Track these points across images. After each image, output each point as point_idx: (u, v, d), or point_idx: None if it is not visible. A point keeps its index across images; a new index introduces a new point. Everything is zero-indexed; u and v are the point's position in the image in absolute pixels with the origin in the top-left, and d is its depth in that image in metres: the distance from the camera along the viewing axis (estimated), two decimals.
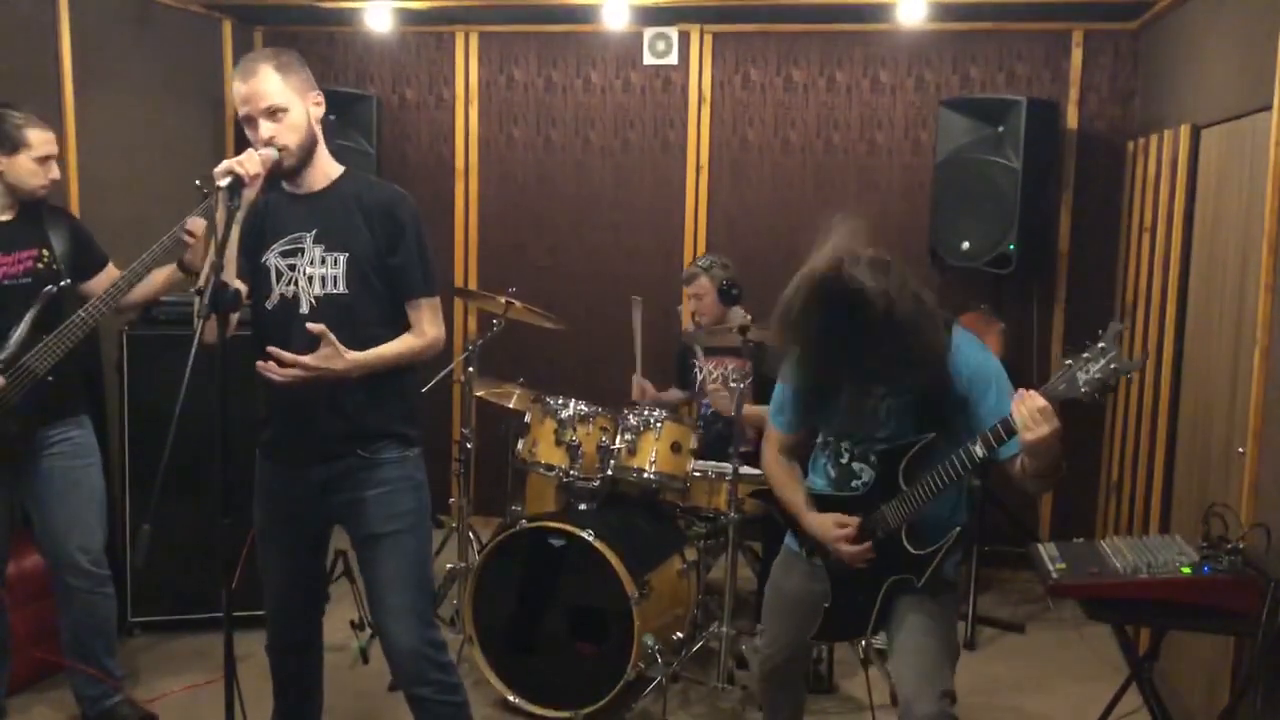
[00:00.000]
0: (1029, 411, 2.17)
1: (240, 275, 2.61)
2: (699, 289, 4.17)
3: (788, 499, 2.68)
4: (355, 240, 2.59)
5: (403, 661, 2.70)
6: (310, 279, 2.60)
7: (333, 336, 2.51)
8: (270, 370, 2.49)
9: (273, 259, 2.62)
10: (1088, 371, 2.15)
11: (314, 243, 2.60)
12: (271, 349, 2.50)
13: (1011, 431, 2.23)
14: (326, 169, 2.66)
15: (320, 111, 2.63)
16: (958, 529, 2.50)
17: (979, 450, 2.32)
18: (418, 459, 2.74)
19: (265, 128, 2.51)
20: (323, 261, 2.59)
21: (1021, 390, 2.23)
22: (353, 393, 2.61)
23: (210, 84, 5.15)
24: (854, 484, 2.58)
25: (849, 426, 2.56)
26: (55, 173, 3.21)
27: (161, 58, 4.76)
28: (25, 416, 3.08)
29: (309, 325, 2.51)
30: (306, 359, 2.50)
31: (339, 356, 2.51)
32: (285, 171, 2.57)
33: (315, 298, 2.59)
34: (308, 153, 2.59)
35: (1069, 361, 2.19)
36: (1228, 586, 2.49)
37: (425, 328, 2.67)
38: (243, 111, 2.55)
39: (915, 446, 2.46)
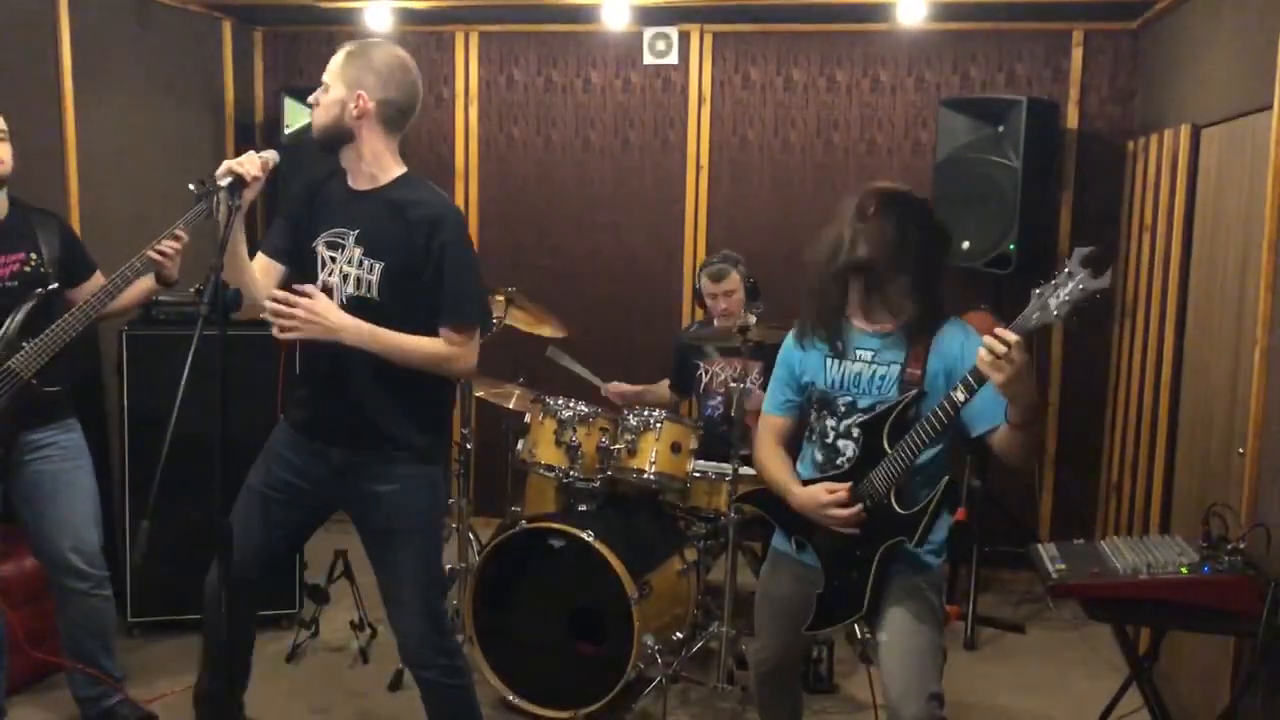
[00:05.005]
0: (985, 355, 2.17)
1: (282, 257, 2.71)
2: (731, 285, 4.05)
3: (775, 478, 2.66)
4: (393, 250, 2.57)
5: (409, 647, 2.76)
6: (345, 277, 2.61)
7: (322, 296, 2.53)
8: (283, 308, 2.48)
9: (321, 246, 2.64)
10: (1058, 296, 2.15)
11: (355, 243, 2.61)
12: (271, 293, 2.53)
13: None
14: (379, 170, 2.66)
15: (358, 111, 2.58)
16: (946, 479, 2.48)
17: (959, 395, 2.30)
18: (435, 465, 2.76)
19: (315, 94, 2.63)
20: (360, 264, 2.59)
21: (994, 330, 2.21)
22: (378, 393, 2.61)
23: (210, 84, 5.16)
24: (839, 461, 2.57)
25: (838, 389, 2.57)
26: (3, 155, 3.08)
27: (161, 58, 4.76)
28: (8, 421, 3.06)
29: (298, 286, 2.52)
30: (306, 300, 2.49)
31: (331, 311, 2.51)
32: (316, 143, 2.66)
33: (347, 296, 2.60)
34: (330, 138, 2.62)
35: (1038, 291, 2.19)
36: (1228, 586, 2.49)
37: (450, 345, 2.62)
38: None
39: (898, 408, 2.47)
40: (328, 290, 2.62)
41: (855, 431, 2.54)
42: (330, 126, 2.61)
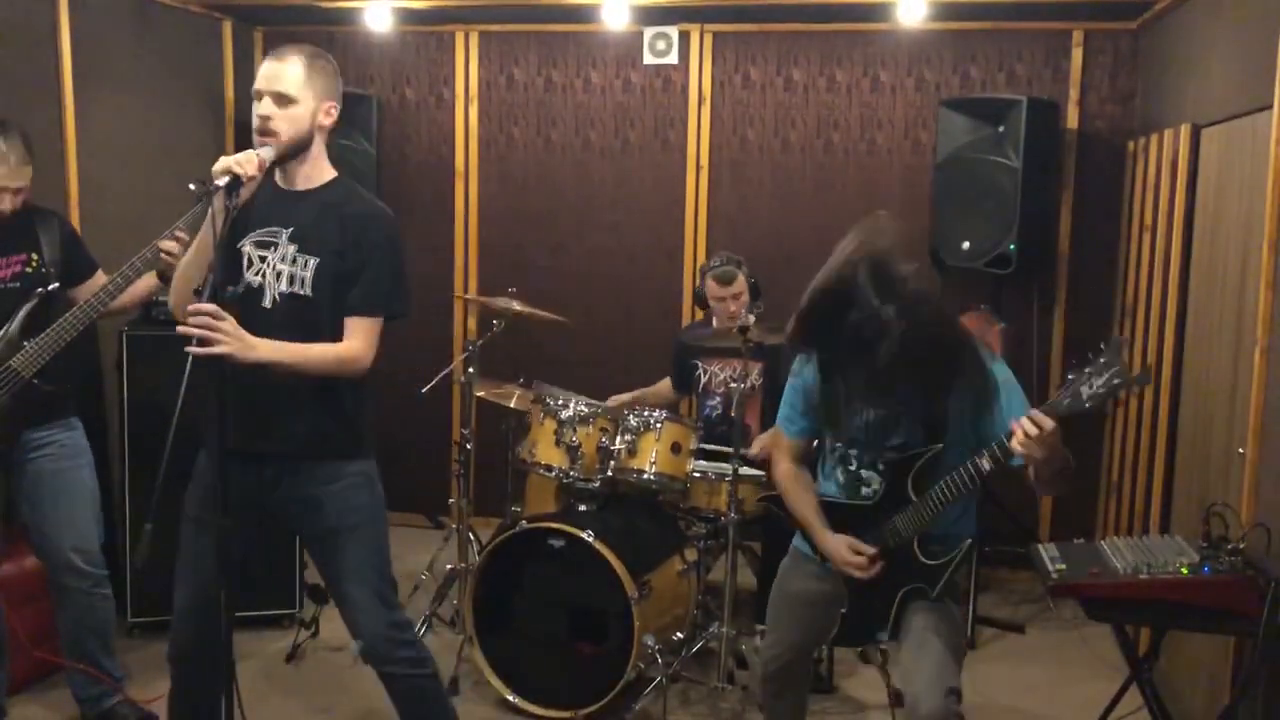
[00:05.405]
0: (1019, 435, 2.21)
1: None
2: (739, 287, 4.06)
3: (801, 515, 2.68)
4: (328, 247, 2.59)
5: (370, 645, 2.75)
6: (279, 275, 2.59)
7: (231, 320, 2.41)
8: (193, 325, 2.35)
9: (247, 246, 2.62)
10: (1091, 386, 2.19)
11: (289, 241, 2.60)
12: (193, 306, 2.37)
13: (1013, 454, 2.27)
14: (316, 172, 2.66)
15: (330, 121, 2.63)
16: (969, 540, 2.52)
17: (985, 464, 2.35)
18: (370, 460, 2.76)
19: (265, 106, 2.54)
20: (294, 261, 2.59)
21: (1029, 414, 2.23)
22: (302, 399, 2.60)
23: (210, 84, 5.16)
24: (864, 492, 2.59)
25: (860, 431, 2.55)
26: (4, 205, 3.10)
27: (161, 58, 4.76)
28: (10, 419, 3.06)
29: (191, 306, 2.38)
30: (225, 324, 2.37)
31: (242, 330, 2.42)
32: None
33: (279, 294, 2.59)
34: (295, 150, 2.59)
35: (1072, 376, 2.23)
36: (1228, 586, 2.49)
37: (351, 341, 2.61)
38: (258, 86, 2.57)
39: (924, 457, 2.48)
40: (251, 290, 2.60)
41: (880, 466, 2.56)
42: (298, 140, 2.58)
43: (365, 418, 2.74)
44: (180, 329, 2.35)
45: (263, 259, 2.61)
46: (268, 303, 2.59)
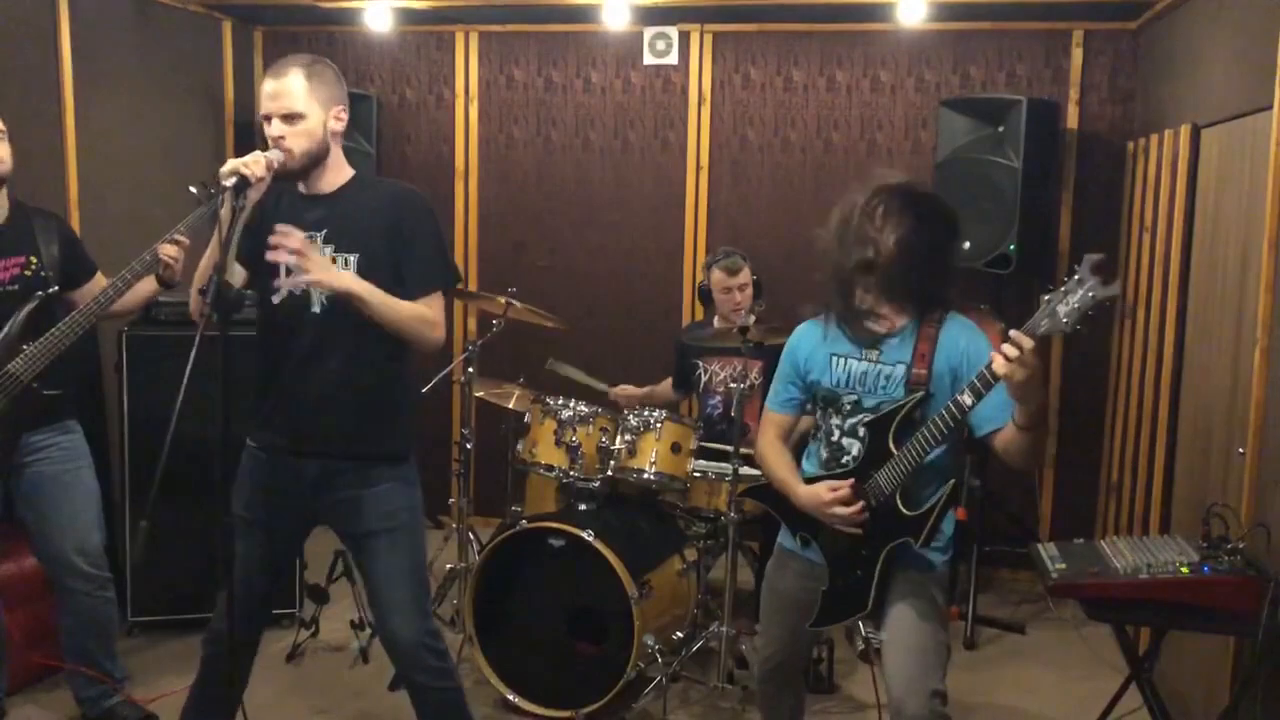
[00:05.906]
0: (1000, 360, 2.20)
1: (245, 263, 2.63)
2: (745, 278, 4.10)
3: (778, 476, 2.66)
4: (366, 241, 2.60)
5: (403, 652, 2.74)
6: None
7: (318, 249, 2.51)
8: (281, 246, 2.43)
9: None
10: (1067, 304, 2.17)
11: (324, 243, 2.61)
12: (281, 227, 2.45)
13: (997, 376, 2.24)
14: (338, 173, 2.68)
15: (341, 125, 2.66)
16: (952, 481, 2.47)
17: (967, 399, 2.32)
18: (410, 463, 2.77)
19: (276, 128, 2.56)
20: (334, 262, 2.59)
21: (1010, 335, 2.23)
22: (348, 400, 2.62)
23: (210, 84, 5.16)
24: (844, 460, 2.57)
25: (846, 386, 2.57)
26: (2, 153, 3.08)
27: (161, 58, 4.76)
28: (10, 422, 3.05)
29: (278, 226, 2.47)
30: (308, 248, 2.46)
31: (331, 267, 2.50)
32: (286, 174, 2.59)
33: (326, 298, 2.60)
34: (313, 160, 2.62)
35: (1048, 297, 2.20)
36: (1228, 586, 2.49)
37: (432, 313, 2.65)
38: (264, 108, 2.59)
39: (904, 408, 2.46)
40: (295, 298, 2.61)
41: (860, 430, 2.54)
42: (315, 150, 2.61)
43: (409, 421, 2.75)
44: (270, 255, 2.43)
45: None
46: (316, 308, 2.61)
